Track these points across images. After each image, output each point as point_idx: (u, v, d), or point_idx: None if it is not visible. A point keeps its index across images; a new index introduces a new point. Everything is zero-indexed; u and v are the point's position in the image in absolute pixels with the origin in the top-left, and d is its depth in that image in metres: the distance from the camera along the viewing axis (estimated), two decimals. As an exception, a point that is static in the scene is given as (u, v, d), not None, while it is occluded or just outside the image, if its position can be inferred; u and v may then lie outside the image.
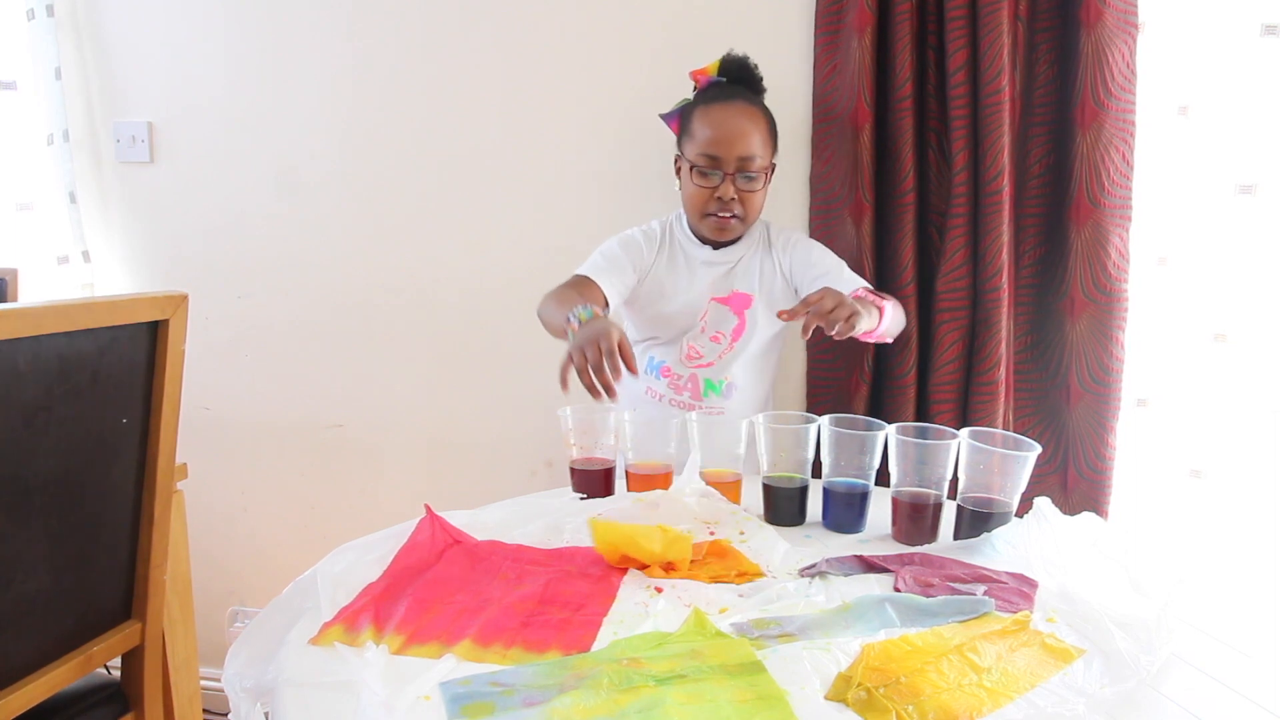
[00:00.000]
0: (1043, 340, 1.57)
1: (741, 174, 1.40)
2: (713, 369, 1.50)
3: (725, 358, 1.50)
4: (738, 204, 1.41)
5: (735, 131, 1.39)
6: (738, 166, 1.39)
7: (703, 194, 1.42)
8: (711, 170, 1.40)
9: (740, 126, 1.39)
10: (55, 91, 1.86)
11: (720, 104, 1.42)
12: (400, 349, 1.89)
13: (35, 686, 1.03)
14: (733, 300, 1.49)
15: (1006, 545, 1.05)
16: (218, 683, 1.05)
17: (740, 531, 1.12)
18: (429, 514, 1.10)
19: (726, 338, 1.50)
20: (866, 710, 0.73)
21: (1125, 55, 1.43)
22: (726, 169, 1.39)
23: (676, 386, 1.50)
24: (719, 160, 1.39)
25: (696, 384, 1.50)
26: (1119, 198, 1.46)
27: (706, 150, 1.39)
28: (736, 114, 1.41)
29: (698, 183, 1.41)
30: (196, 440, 1.88)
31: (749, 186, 1.41)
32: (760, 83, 1.49)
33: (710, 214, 1.43)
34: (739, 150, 1.39)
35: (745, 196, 1.42)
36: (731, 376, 1.51)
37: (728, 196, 1.40)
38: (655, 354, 1.53)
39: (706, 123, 1.41)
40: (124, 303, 1.05)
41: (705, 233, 1.47)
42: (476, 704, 0.73)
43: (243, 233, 1.91)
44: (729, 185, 1.40)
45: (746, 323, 1.49)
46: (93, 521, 1.09)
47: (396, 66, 1.80)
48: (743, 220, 1.44)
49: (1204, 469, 1.54)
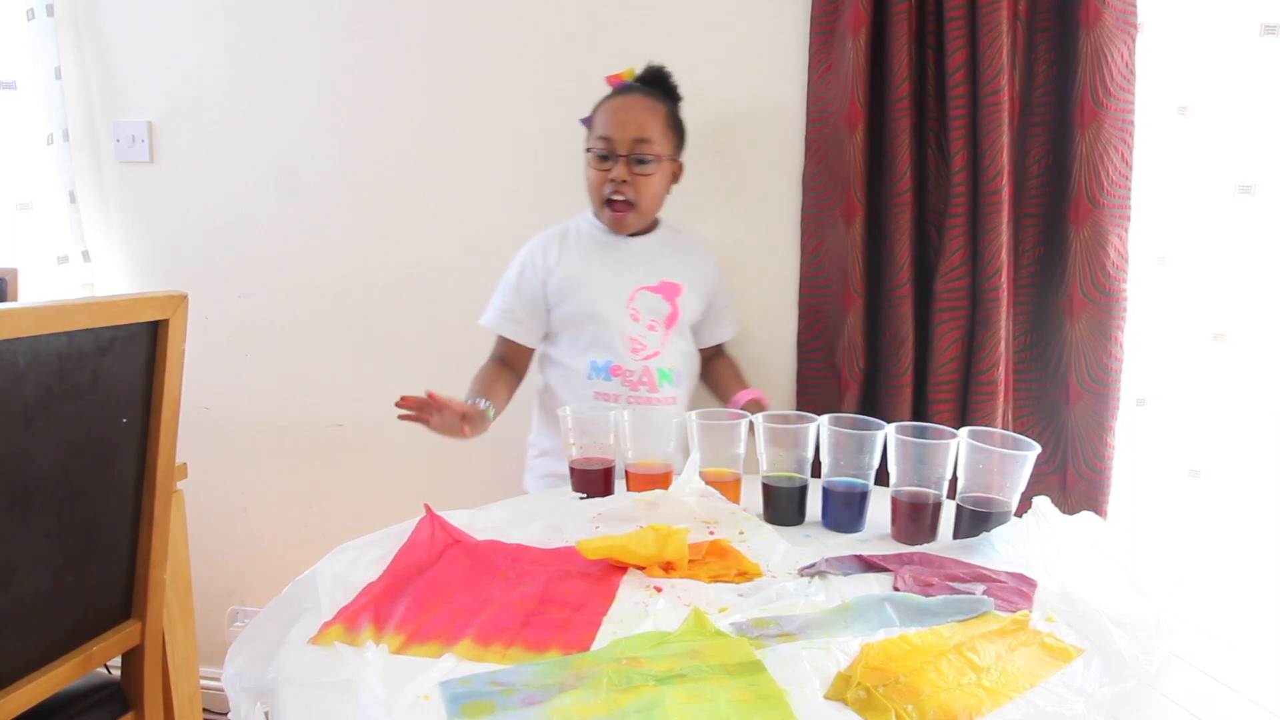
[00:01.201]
0: (1042, 340, 1.57)
1: (635, 157, 1.43)
2: (659, 358, 1.51)
3: (666, 346, 1.52)
4: (630, 188, 1.45)
5: (629, 117, 1.45)
6: (630, 149, 1.43)
7: (599, 178, 1.46)
8: (606, 153, 1.44)
9: (635, 114, 1.45)
10: (55, 91, 1.86)
11: (620, 96, 1.49)
12: (400, 349, 1.89)
13: (35, 686, 1.03)
14: (663, 289, 1.52)
15: (1006, 545, 1.05)
16: (218, 682, 1.05)
17: (740, 531, 1.12)
18: (429, 514, 1.10)
19: (661, 325, 1.52)
20: (866, 710, 0.73)
21: (1124, 55, 1.43)
22: (619, 151, 1.44)
23: (631, 383, 1.49)
24: (612, 142, 1.44)
25: (651, 376, 1.50)
26: (1118, 198, 1.46)
27: (601, 134, 1.45)
28: (634, 103, 1.47)
29: (594, 167, 1.47)
30: (196, 440, 1.88)
31: (642, 170, 1.45)
32: (675, 90, 1.53)
33: (608, 200, 1.47)
34: (632, 133, 1.43)
35: (639, 181, 1.45)
36: (674, 363, 1.53)
37: (620, 178, 1.44)
38: (596, 358, 1.50)
39: (605, 111, 1.48)
40: (124, 303, 1.05)
41: (603, 220, 1.51)
42: (476, 703, 0.73)
43: (243, 233, 1.91)
44: (622, 167, 1.44)
45: (679, 310, 1.53)
46: (93, 521, 1.09)
47: (396, 66, 1.80)
48: (637, 209, 1.47)
49: (1203, 469, 1.54)
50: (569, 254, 1.52)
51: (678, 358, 1.53)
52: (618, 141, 1.43)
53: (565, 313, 1.52)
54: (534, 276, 1.52)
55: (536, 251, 1.53)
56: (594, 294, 1.50)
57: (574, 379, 1.51)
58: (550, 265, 1.52)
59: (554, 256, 1.52)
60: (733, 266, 1.73)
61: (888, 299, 1.57)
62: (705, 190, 1.72)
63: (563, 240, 1.54)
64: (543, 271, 1.52)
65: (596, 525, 1.14)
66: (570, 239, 1.55)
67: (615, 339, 1.49)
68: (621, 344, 1.49)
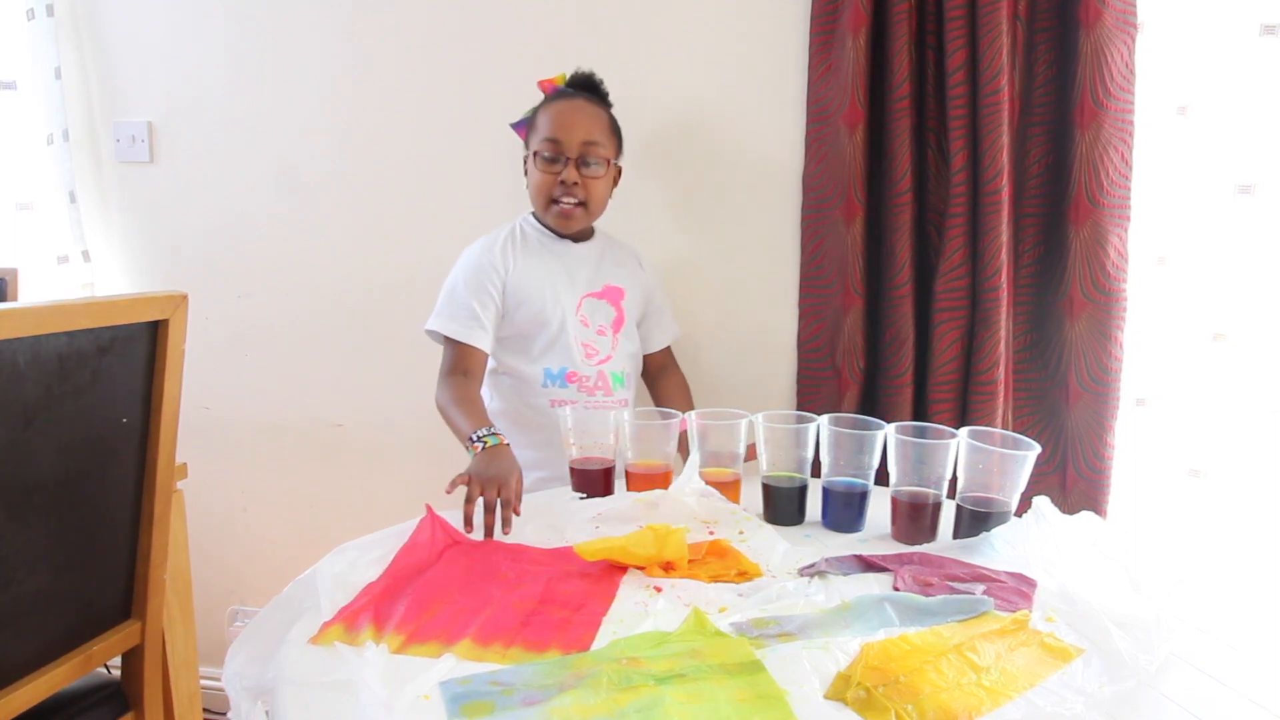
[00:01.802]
0: (1042, 340, 1.57)
1: (584, 160, 1.45)
2: (611, 362, 1.52)
3: (616, 350, 1.53)
4: (581, 189, 1.45)
5: (576, 120, 1.45)
6: (580, 152, 1.44)
7: (547, 180, 1.46)
8: (555, 155, 1.44)
9: (582, 118, 1.46)
10: (55, 91, 1.86)
11: (564, 100, 1.49)
12: (400, 349, 1.89)
13: (35, 686, 1.03)
14: (607, 293, 1.53)
15: (1005, 545, 1.05)
16: (218, 682, 1.05)
17: (740, 531, 1.12)
18: (429, 514, 1.10)
19: (609, 329, 1.53)
20: (866, 709, 0.73)
21: (1124, 55, 1.43)
22: (569, 153, 1.44)
23: (588, 388, 1.49)
24: (561, 144, 1.44)
25: (606, 380, 1.50)
26: (1118, 197, 1.46)
27: (549, 135, 1.45)
28: (579, 108, 1.47)
29: (542, 169, 1.46)
30: (196, 440, 1.88)
31: (591, 173, 1.46)
32: (606, 96, 1.54)
33: (554, 200, 1.46)
34: (580, 135, 1.44)
35: (588, 183, 1.46)
36: (624, 366, 1.54)
37: (570, 180, 1.44)
38: (550, 365, 1.49)
39: (550, 114, 1.47)
40: (124, 303, 1.05)
41: (550, 222, 1.50)
42: (476, 703, 0.73)
43: (243, 233, 1.91)
44: (572, 169, 1.44)
45: (624, 313, 1.54)
46: (93, 521, 1.09)
47: (396, 66, 1.80)
48: (586, 209, 1.47)
49: (1203, 468, 1.54)
50: (520, 258, 1.50)
51: (626, 360, 1.55)
52: (566, 144, 1.44)
53: (517, 320, 1.48)
54: (494, 279, 1.47)
55: (493, 254, 1.49)
56: (546, 301, 1.48)
57: (526, 388, 1.49)
58: (508, 268, 1.48)
59: (511, 260, 1.49)
60: (733, 266, 1.74)
61: (888, 299, 1.57)
62: (706, 190, 1.73)
63: (513, 243, 1.51)
64: (502, 273, 1.48)
65: (596, 525, 1.14)
66: (518, 242, 1.51)
67: (569, 345, 1.49)
68: (575, 350, 1.49)
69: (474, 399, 1.41)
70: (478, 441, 1.25)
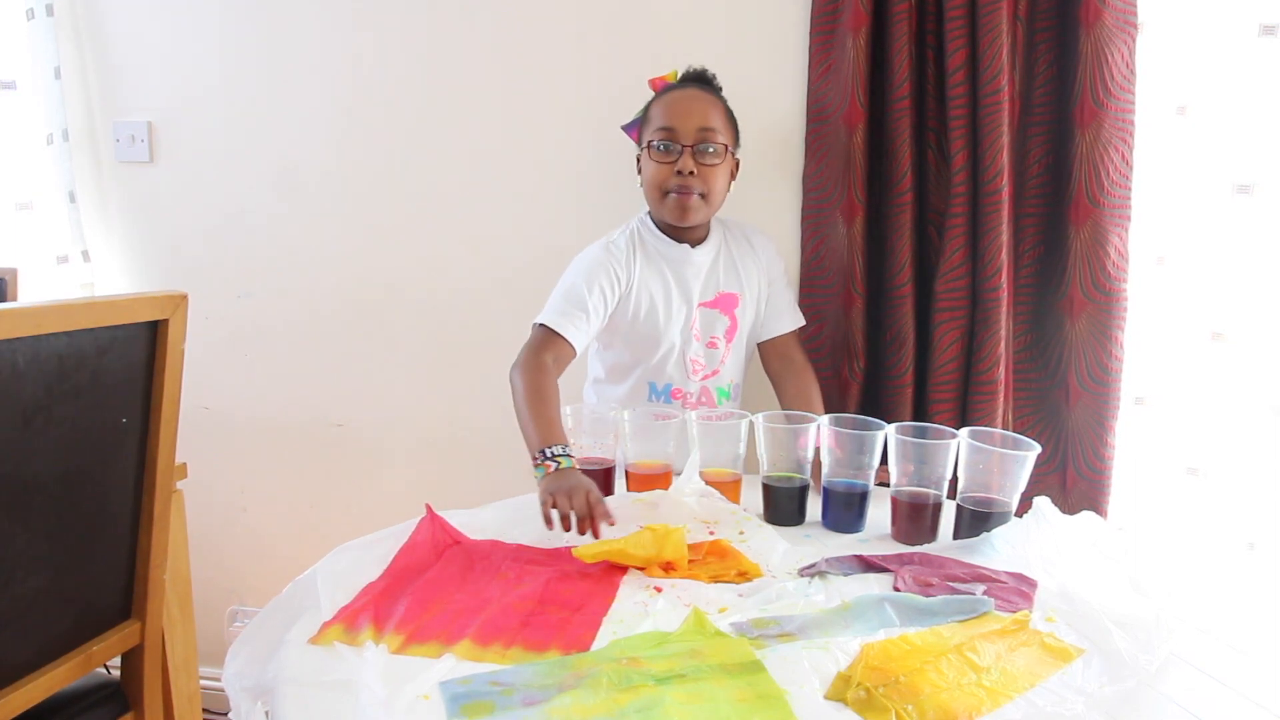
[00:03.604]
0: (1042, 340, 1.57)
1: (701, 147, 1.37)
2: (717, 376, 1.49)
3: (726, 362, 1.49)
4: (698, 180, 1.38)
5: (692, 107, 1.39)
6: (696, 139, 1.37)
7: (663, 170, 1.38)
8: (670, 144, 1.38)
9: (697, 104, 1.40)
10: (55, 91, 1.86)
11: (677, 90, 1.44)
12: (400, 349, 1.89)
13: (35, 686, 1.03)
14: (720, 302, 1.48)
15: (1006, 545, 1.05)
16: (218, 682, 1.05)
17: (740, 531, 1.12)
18: (429, 514, 1.10)
19: (722, 340, 1.49)
20: (866, 710, 0.73)
21: (1124, 55, 1.43)
22: (685, 141, 1.37)
23: (690, 405, 1.47)
24: (676, 132, 1.37)
25: (710, 396, 1.49)
26: (1118, 197, 1.46)
27: (663, 124, 1.39)
28: (693, 95, 1.42)
29: (656, 159, 1.39)
30: (196, 440, 1.88)
31: (709, 160, 1.38)
32: (720, 90, 1.49)
33: (670, 191, 1.39)
34: (696, 122, 1.38)
35: (705, 172, 1.38)
36: (732, 377, 1.51)
37: (687, 169, 1.37)
38: (656, 381, 1.48)
39: (662, 104, 1.42)
40: (124, 302, 1.05)
41: (666, 216, 1.42)
42: (476, 703, 0.73)
43: (243, 233, 1.91)
44: (688, 158, 1.37)
45: (737, 321, 1.49)
46: (92, 521, 1.09)
47: (396, 66, 1.80)
48: (705, 200, 1.40)
49: (1201, 467, 1.54)
50: (640, 267, 1.44)
51: (735, 372, 1.51)
52: (682, 131, 1.37)
53: (629, 333, 1.45)
54: (613, 287, 1.41)
55: (616, 260, 1.42)
56: (659, 320, 1.44)
57: (630, 399, 1.47)
58: (629, 278, 1.43)
59: (633, 269, 1.43)
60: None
61: (888, 299, 1.57)
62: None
63: (633, 250, 1.45)
64: (624, 280, 1.42)
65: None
66: (636, 249, 1.45)
67: (678, 364, 1.46)
68: (682, 367, 1.47)
69: (552, 399, 1.30)
70: (551, 460, 1.18)
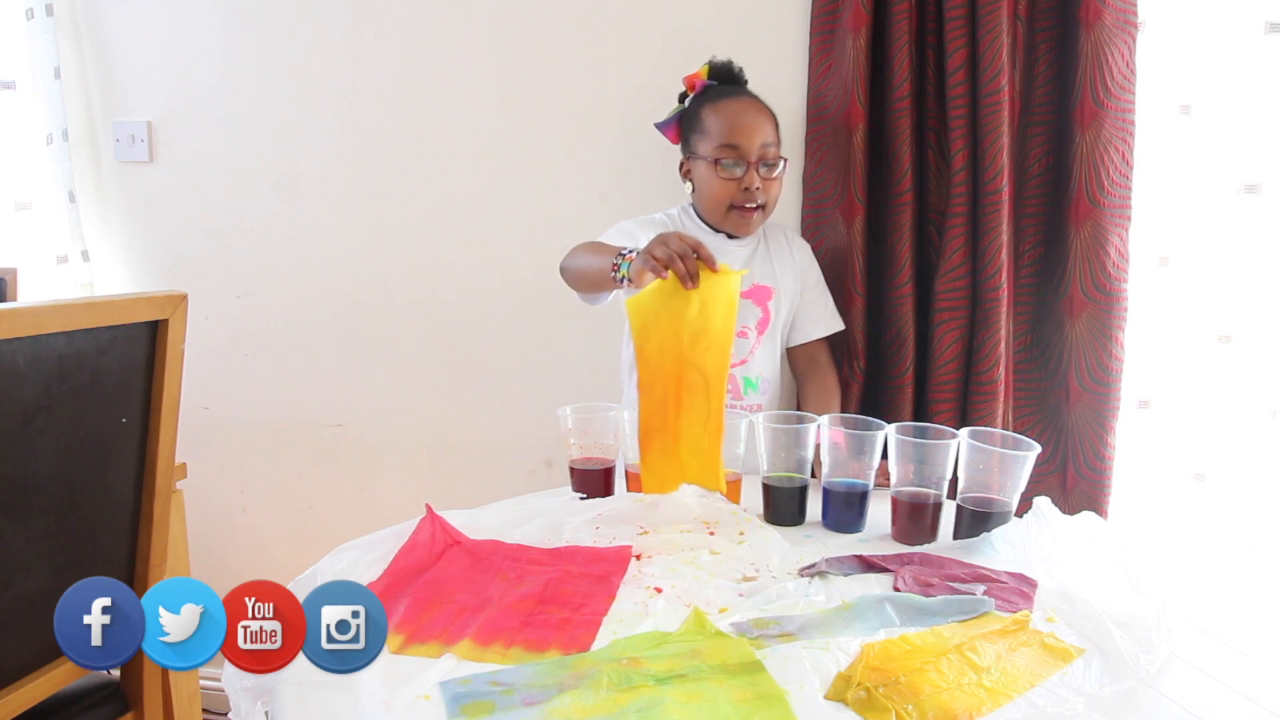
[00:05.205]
0: (1042, 340, 1.57)
1: (763, 163, 1.41)
2: (746, 366, 1.49)
3: (755, 353, 1.50)
4: (762, 194, 1.41)
5: (752, 121, 1.41)
6: (760, 155, 1.40)
7: (729, 187, 1.41)
8: (734, 162, 1.40)
9: (756, 117, 1.42)
10: (54, 91, 1.86)
11: (730, 98, 1.43)
12: (400, 349, 1.89)
13: (35, 686, 1.03)
14: (754, 293, 1.49)
15: (1006, 545, 1.05)
16: (217, 682, 1.05)
17: (740, 531, 1.12)
18: (429, 514, 1.10)
19: (753, 331, 1.49)
20: (866, 710, 0.73)
21: (1125, 54, 1.43)
22: (749, 158, 1.40)
23: None
24: (740, 150, 1.39)
25: (736, 385, 1.48)
26: (1119, 197, 1.46)
27: (727, 141, 1.40)
28: (749, 106, 1.43)
29: (722, 176, 1.41)
30: (196, 440, 1.88)
31: (770, 174, 1.42)
32: (747, 85, 1.50)
33: (735, 207, 1.42)
34: (760, 138, 1.40)
35: (768, 185, 1.42)
36: (761, 370, 1.51)
37: (754, 186, 1.40)
38: None
39: (721, 116, 1.42)
40: (124, 302, 1.05)
41: (729, 228, 1.46)
42: (476, 703, 0.73)
43: (243, 233, 1.91)
44: (753, 174, 1.40)
45: (770, 314, 1.50)
46: (92, 521, 1.09)
47: (396, 67, 1.80)
48: (765, 211, 1.44)
49: (1207, 472, 1.54)
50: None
51: (765, 364, 1.51)
52: (746, 149, 1.40)
53: None
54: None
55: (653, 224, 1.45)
56: None
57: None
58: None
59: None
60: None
61: (888, 298, 1.57)
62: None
63: (673, 224, 1.48)
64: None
65: (596, 526, 1.14)
66: (678, 226, 1.47)
67: None
68: None
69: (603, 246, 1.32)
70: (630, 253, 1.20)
